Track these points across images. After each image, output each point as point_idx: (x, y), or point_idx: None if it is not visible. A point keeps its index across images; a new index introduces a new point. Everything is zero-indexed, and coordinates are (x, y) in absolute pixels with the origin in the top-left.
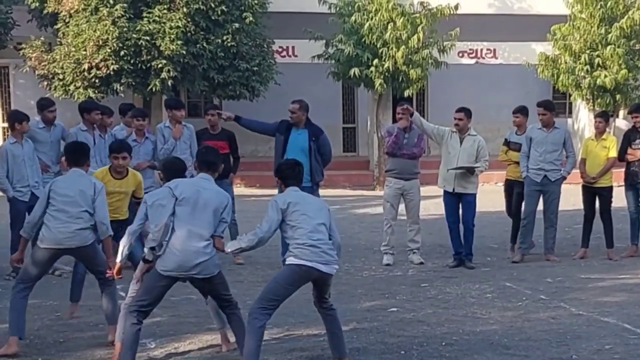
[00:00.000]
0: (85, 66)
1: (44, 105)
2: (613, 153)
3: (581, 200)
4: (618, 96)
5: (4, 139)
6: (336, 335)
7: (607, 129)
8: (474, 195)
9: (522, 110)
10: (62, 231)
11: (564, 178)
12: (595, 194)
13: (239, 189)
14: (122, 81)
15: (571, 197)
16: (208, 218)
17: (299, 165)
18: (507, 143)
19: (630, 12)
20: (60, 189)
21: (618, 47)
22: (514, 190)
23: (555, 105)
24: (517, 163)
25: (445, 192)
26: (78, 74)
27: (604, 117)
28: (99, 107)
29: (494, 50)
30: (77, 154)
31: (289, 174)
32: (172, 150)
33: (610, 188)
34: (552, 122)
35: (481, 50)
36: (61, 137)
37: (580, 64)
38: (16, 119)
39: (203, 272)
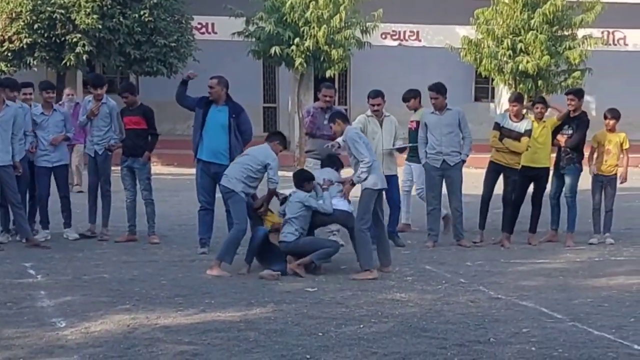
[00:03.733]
0: None
1: None
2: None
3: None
4: (540, 82)
5: None
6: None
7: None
8: (397, 176)
9: (518, 99)
10: None
11: (464, 162)
12: (533, 177)
13: (155, 167)
14: (36, 55)
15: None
16: None
17: None
18: (499, 127)
19: None
20: None
21: (540, 33)
22: (501, 175)
23: (478, 90)
24: (513, 152)
25: None
26: None
27: (544, 103)
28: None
29: (417, 32)
30: None
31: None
32: (85, 125)
33: (549, 169)
34: (445, 105)
35: (404, 32)
36: None
37: (502, 48)
38: None
39: None
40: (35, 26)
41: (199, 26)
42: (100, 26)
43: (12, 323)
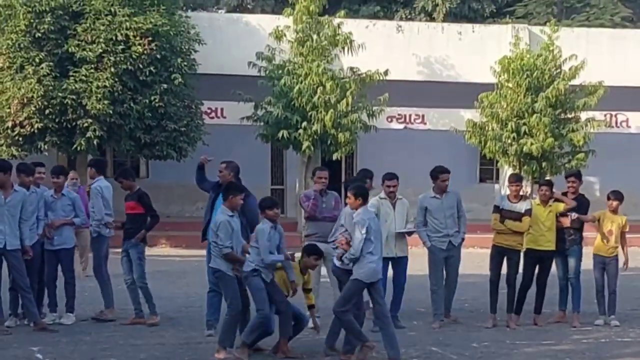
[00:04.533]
0: (9, 124)
1: None
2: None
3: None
4: (544, 163)
5: None
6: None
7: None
8: (407, 257)
9: (518, 179)
10: None
11: (463, 240)
12: (540, 258)
13: (164, 249)
14: (47, 139)
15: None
16: None
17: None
18: (499, 210)
19: (555, 83)
20: None
21: (544, 115)
22: (505, 257)
23: (483, 171)
24: (516, 232)
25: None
26: (1, 131)
27: (549, 185)
28: (10, 168)
29: (423, 116)
30: None
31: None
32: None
33: (554, 252)
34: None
35: (410, 115)
36: None
37: (507, 131)
38: None
39: None
40: (47, 111)
41: (209, 111)
42: (111, 111)
43: None
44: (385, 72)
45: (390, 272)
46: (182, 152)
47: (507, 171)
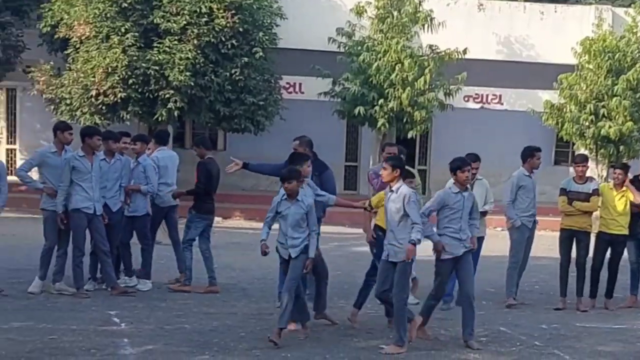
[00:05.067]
0: (93, 92)
1: (63, 127)
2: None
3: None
4: (622, 147)
5: (8, 160)
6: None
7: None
8: (484, 237)
9: (586, 160)
10: None
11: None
12: (611, 242)
13: (238, 222)
14: (129, 109)
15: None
16: None
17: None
18: (565, 192)
19: (637, 65)
20: None
21: (624, 99)
22: (574, 240)
23: (558, 153)
24: (585, 213)
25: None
26: (85, 99)
27: (624, 169)
28: (99, 132)
29: (500, 96)
30: None
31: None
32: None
33: (626, 237)
34: None
35: (487, 95)
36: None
37: (585, 113)
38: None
39: None
40: (130, 81)
41: (287, 85)
42: (192, 83)
43: None
44: (464, 51)
45: None
46: (260, 125)
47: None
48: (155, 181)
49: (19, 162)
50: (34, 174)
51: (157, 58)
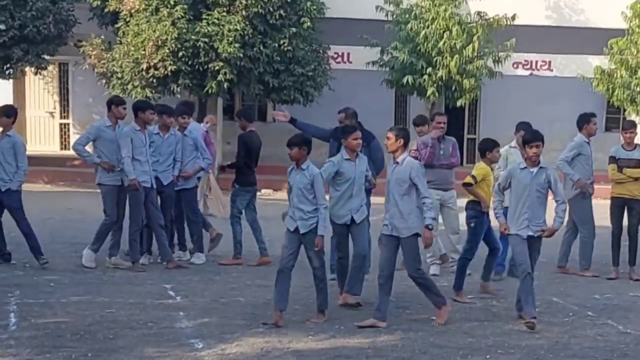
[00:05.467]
0: (144, 66)
1: (117, 102)
2: None
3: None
4: None
5: (62, 135)
6: None
7: None
8: None
9: (635, 126)
10: None
11: None
12: None
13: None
14: (179, 82)
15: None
16: None
17: None
18: (615, 160)
19: None
20: None
21: None
22: (625, 208)
23: (609, 120)
24: (637, 179)
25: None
26: (136, 73)
27: None
28: (153, 107)
29: (549, 62)
30: None
31: None
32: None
33: None
34: None
35: (536, 62)
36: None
37: (636, 79)
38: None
39: None
40: (180, 54)
41: (335, 55)
42: (241, 55)
43: (152, 342)
44: (513, 17)
45: None
46: (309, 96)
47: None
48: (206, 152)
49: (72, 136)
50: (89, 148)
51: (206, 30)
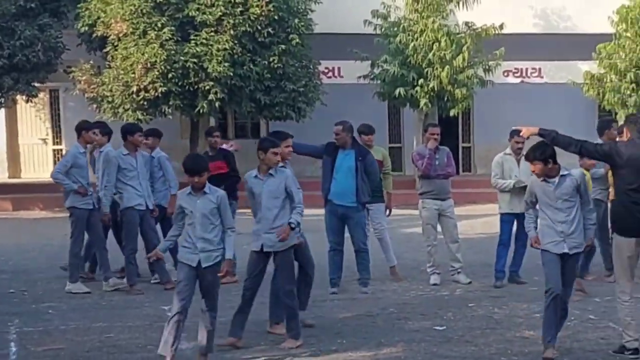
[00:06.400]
0: (134, 89)
1: (87, 127)
2: None
3: None
4: None
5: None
6: None
7: None
8: None
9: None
10: None
11: None
12: None
13: None
14: (170, 103)
15: None
16: None
17: None
18: None
19: None
20: None
21: None
22: None
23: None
24: None
25: (508, 214)
26: (127, 96)
27: None
28: (141, 129)
29: (539, 69)
30: None
31: None
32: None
33: None
34: None
35: (526, 69)
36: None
37: (626, 82)
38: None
39: None
40: (170, 75)
41: (326, 70)
42: (231, 73)
43: None
44: (501, 26)
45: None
46: (301, 112)
47: None
48: (173, 175)
49: None
50: None
51: (194, 50)
